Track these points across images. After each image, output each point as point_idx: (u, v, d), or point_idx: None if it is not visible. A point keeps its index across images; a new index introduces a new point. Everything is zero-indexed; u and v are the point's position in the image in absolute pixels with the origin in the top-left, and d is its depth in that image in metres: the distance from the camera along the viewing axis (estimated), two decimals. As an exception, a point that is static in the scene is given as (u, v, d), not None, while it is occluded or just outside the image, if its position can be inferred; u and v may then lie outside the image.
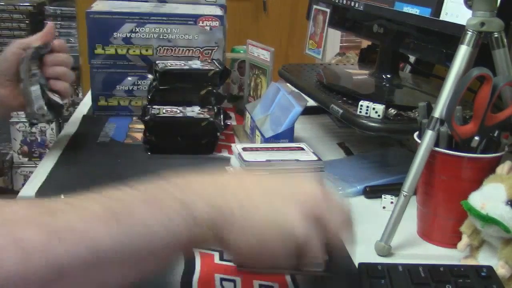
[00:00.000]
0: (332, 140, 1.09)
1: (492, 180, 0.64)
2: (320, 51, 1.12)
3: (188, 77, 1.00)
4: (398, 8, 0.90)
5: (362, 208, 0.82)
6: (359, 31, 1.07)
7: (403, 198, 0.68)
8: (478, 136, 0.67)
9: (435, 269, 0.59)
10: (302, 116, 0.95)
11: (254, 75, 1.15)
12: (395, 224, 0.68)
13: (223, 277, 0.62)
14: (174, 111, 0.96)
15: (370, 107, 0.83)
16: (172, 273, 0.62)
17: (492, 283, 0.57)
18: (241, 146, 0.74)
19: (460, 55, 0.67)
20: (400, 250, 0.70)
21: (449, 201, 0.69)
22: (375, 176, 0.89)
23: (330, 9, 1.09)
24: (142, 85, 1.13)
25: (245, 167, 0.68)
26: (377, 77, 1.02)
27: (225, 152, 0.99)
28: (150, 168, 0.91)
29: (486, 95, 0.66)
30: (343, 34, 3.11)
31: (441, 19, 0.81)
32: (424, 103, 0.72)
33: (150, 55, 1.11)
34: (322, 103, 0.96)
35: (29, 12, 2.41)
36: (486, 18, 0.67)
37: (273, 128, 0.91)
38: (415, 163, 0.68)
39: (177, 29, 1.10)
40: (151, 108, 0.96)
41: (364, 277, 0.58)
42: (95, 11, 1.10)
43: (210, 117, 0.96)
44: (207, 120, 0.95)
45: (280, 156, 0.71)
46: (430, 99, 0.74)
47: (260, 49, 1.11)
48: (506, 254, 0.61)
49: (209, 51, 1.12)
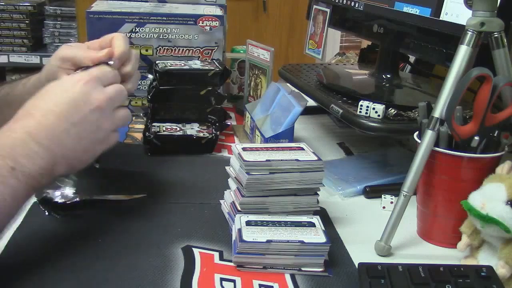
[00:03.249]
0: (332, 140, 1.09)
1: (492, 180, 0.64)
2: (320, 51, 1.12)
3: (188, 77, 1.00)
4: (398, 8, 0.90)
5: (362, 208, 0.82)
6: (359, 31, 1.07)
7: (403, 198, 0.68)
8: (478, 136, 0.67)
9: (435, 269, 0.59)
10: (302, 116, 0.95)
11: (254, 75, 1.15)
12: (395, 224, 0.68)
13: (223, 277, 0.63)
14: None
15: (370, 107, 0.83)
16: (172, 273, 0.63)
17: (492, 283, 0.57)
18: (241, 146, 0.74)
19: (460, 55, 0.67)
20: (400, 250, 0.70)
21: (449, 201, 0.69)
22: (375, 176, 0.89)
23: (330, 9, 1.09)
24: (142, 85, 1.13)
25: (245, 167, 0.69)
26: (377, 77, 1.02)
27: (225, 152, 0.99)
28: (150, 168, 0.91)
29: (486, 95, 0.66)
30: (343, 34, 3.11)
31: (441, 19, 0.81)
32: (424, 103, 0.72)
33: (150, 55, 1.11)
34: (322, 103, 0.96)
35: (29, 12, 2.41)
36: (486, 18, 0.67)
37: (273, 128, 0.91)
38: (415, 163, 0.68)
39: (177, 29, 1.10)
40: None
41: (364, 277, 0.58)
42: (95, 11, 1.10)
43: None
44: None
45: (280, 156, 0.71)
46: (430, 99, 0.74)
47: (260, 49, 1.11)
48: (506, 254, 0.61)
49: (209, 51, 1.12)
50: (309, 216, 0.69)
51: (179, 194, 0.82)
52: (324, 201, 0.80)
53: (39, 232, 0.70)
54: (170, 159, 0.94)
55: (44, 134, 0.62)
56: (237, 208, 0.70)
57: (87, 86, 0.66)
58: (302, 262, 0.64)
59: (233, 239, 0.66)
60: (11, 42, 2.42)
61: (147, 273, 0.62)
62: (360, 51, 1.34)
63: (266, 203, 0.70)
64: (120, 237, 0.69)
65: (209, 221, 0.75)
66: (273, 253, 0.63)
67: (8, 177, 0.58)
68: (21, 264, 0.62)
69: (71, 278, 0.61)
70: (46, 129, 0.62)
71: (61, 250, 0.66)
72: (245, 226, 0.66)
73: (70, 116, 0.64)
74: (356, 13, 1.02)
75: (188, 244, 0.69)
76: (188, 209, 0.78)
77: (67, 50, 0.78)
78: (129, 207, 0.77)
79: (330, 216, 0.78)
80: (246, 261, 0.64)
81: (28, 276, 0.60)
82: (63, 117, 0.64)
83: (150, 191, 0.82)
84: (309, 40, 1.16)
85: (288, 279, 0.63)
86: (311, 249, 0.63)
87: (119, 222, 0.73)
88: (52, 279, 0.60)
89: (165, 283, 0.61)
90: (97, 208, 0.76)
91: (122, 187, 0.82)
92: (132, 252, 0.66)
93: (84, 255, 0.65)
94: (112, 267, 0.63)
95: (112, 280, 0.61)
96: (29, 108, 0.64)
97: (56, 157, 0.63)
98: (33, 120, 0.62)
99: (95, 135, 0.67)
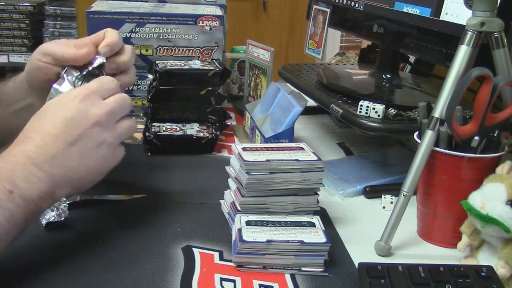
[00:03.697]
0: (332, 140, 1.09)
1: (492, 180, 0.64)
2: (320, 51, 1.12)
3: (188, 77, 1.00)
4: (398, 8, 0.90)
5: (362, 208, 0.82)
6: (359, 31, 1.07)
7: (403, 198, 0.68)
8: (478, 136, 0.67)
9: (435, 269, 0.59)
10: (302, 116, 0.95)
11: (254, 75, 1.15)
12: (395, 224, 0.68)
13: (223, 277, 0.63)
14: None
15: (370, 107, 0.83)
16: (172, 273, 0.63)
17: (492, 283, 0.57)
18: (241, 146, 0.74)
19: (460, 55, 0.67)
20: (400, 250, 0.70)
21: (449, 201, 0.69)
22: (375, 176, 0.89)
23: (330, 9, 1.09)
24: (142, 85, 1.13)
25: (245, 167, 0.69)
26: (377, 77, 1.02)
27: (225, 152, 0.99)
28: (150, 168, 0.91)
29: (486, 95, 0.66)
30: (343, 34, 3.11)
31: (441, 19, 0.81)
32: (424, 103, 0.72)
33: (150, 55, 1.11)
34: (322, 103, 0.96)
35: (29, 12, 2.41)
36: (486, 18, 0.67)
37: (273, 128, 0.91)
38: (415, 163, 0.68)
39: (177, 29, 1.10)
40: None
41: (364, 277, 0.58)
42: (95, 11, 1.09)
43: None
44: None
45: (280, 156, 0.71)
46: (430, 99, 0.74)
47: (260, 49, 1.11)
48: (506, 254, 0.61)
49: (209, 51, 1.12)
50: (309, 216, 0.69)
51: (179, 194, 0.82)
52: (324, 201, 0.80)
53: (38, 232, 0.70)
54: (170, 159, 0.94)
55: (43, 158, 0.60)
56: (237, 208, 0.70)
57: (85, 102, 0.64)
58: (302, 262, 0.64)
59: (233, 239, 0.66)
60: (11, 42, 2.42)
61: (147, 273, 0.62)
62: (360, 51, 1.34)
63: (266, 203, 0.70)
64: (120, 237, 0.69)
65: (209, 221, 0.75)
66: (273, 253, 0.63)
67: (5, 200, 0.56)
68: (19, 264, 0.62)
69: (71, 278, 0.61)
70: (45, 152, 0.60)
71: (60, 250, 0.66)
72: (245, 226, 0.66)
73: (69, 135, 0.62)
74: (356, 13, 1.02)
75: (188, 244, 0.69)
76: (188, 209, 0.78)
77: (49, 44, 0.76)
78: (129, 207, 0.77)
79: (330, 216, 0.78)
80: (246, 261, 0.64)
81: (26, 276, 0.60)
82: (62, 138, 0.62)
83: (150, 191, 0.82)
84: (309, 40, 1.16)
85: (288, 279, 0.63)
86: (311, 249, 0.63)
87: (119, 222, 0.74)
88: (51, 279, 0.60)
89: (165, 283, 0.61)
90: (97, 208, 0.76)
91: (122, 187, 0.82)
92: (132, 252, 0.66)
93: (84, 255, 0.65)
94: (112, 267, 0.63)
95: (112, 280, 0.61)
96: (28, 131, 0.63)
97: (57, 180, 0.61)
98: (31, 143, 0.61)
99: (98, 152, 0.64)
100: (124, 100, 0.67)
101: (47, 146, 0.61)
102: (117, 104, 0.66)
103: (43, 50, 0.75)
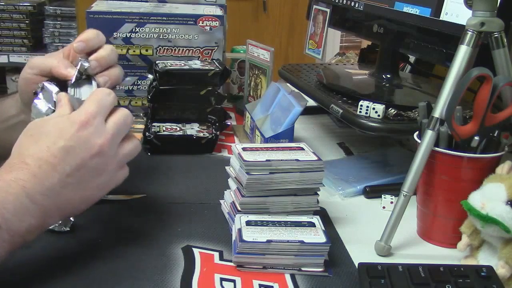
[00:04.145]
0: (332, 140, 1.09)
1: (492, 180, 0.64)
2: (320, 51, 1.12)
3: (188, 77, 1.00)
4: (398, 8, 0.90)
5: (362, 208, 0.82)
6: (359, 31, 1.07)
7: (403, 198, 0.68)
8: (478, 136, 0.67)
9: (435, 269, 0.59)
10: (302, 116, 0.95)
11: (254, 75, 1.15)
12: (395, 224, 0.68)
13: (223, 277, 0.63)
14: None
15: (370, 107, 0.83)
16: (172, 273, 0.63)
17: (492, 283, 0.57)
18: (241, 146, 0.74)
19: (460, 55, 0.67)
20: (400, 250, 0.70)
21: (449, 201, 0.69)
22: (375, 176, 0.89)
23: (330, 9, 1.09)
24: (142, 85, 1.13)
25: (245, 167, 0.69)
26: (377, 77, 1.02)
27: (225, 152, 0.99)
28: (150, 168, 0.91)
29: (486, 95, 0.66)
30: (343, 34, 3.11)
31: (441, 19, 0.81)
32: (424, 103, 0.72)
33: (150, 55, 1.11)
34: (322, 103, 0.96)
35: (29, 12, 2.41)
36: (486, 18, 0.67)
37: (273, 128, 0.91)
38: (415, 163, 0.68)
39: (177, 29, 1.10)
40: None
41: (364, 277, 0.58)
42: (95, 11, 1.09)
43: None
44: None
45: (280, 156, 0.71)
46: (430, 99, 0.74)
47: (260, 49, 1.11)
48: (506, 254, 0.61)
49: (209, 51, 1.12)
50: (309, 216, 0.69)
51: (179, 194, 0.82)
52: (324, 201, 0.80)
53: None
54: (170, 159, 0.94)
55: (38, 189, 0.57)
56: (237, 208, 0.70)
57: (86, 129, 0.60)
58: (302, 262, 0.64)
59: (233, 239, 0.66)
60: (11, 42, 2.42)
61: (147, 273, 0.62)
62: (360, 51, 1.34)
63: (266, 203, 0.70)
64: (120, 237, 0.69)
65: (209, 221, 0.75)
66: (273, 253, 0.63)
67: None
68: (19, 264, 0.62)
69: (71, 278, 0.61)
70: (41, 183, 0.57)
71: (60, 250, 0.66)
72: (245, 226, 0.66)
73: (67, 166, 0.59)
74: (356, 13, 1.02)
75: (188, 244, 0.69)
76: (188, 209, 0.78)
77: (37, 57, 0.74)
78: (129, 207, 0.77)
79: (330, 216, 0.78)
80: (246, 261, 0.64)
81: (26, 276, 0.60)
82: (60, 169, 0.58)
83: (150, 191, 0.82)
84: (309, 40, 1.16)
85: (288, 279, 0.63)
86: (311, 249, 0.63)
87: (119, 222, 0.74)
88: (51, 279, 0.60)
89: (165, 283, 0.61)
90: (97, 208, 0.76)
91: (122, 187, 0.82)
92: (132, 252, 0.66)
93: (84, 255, 0.65)
94: (112, 267, 0.63)
95: (112, 280, 0.61)
96: (23, 154, 0.59)
97: (49, 212, 0.58)
98: (27, 171, 0.57)
99: (97, 180, 0.61)
100: (125, 118, 0.64)
101: (44, 176, 0.57)
102: (119, 126, 0.63)
103: (31, 63, 0.73)
